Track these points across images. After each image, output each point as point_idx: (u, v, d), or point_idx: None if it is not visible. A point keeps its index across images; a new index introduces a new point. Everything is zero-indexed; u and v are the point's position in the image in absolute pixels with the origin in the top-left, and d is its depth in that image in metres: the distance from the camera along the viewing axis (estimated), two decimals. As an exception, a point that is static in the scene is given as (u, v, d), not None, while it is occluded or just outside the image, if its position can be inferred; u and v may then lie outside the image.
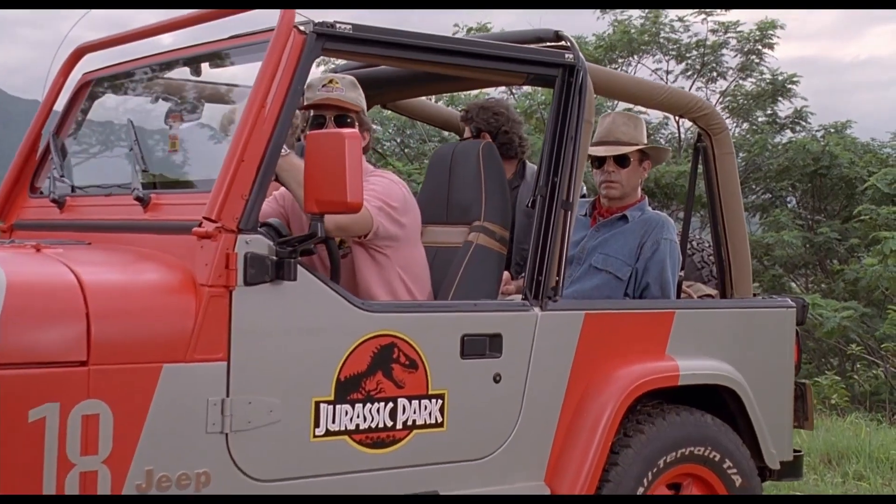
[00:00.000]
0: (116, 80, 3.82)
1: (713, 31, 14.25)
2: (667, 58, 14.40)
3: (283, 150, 3.14)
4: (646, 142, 4.09)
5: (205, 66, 3.54)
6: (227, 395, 2.87)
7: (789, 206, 14.82)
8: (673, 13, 14.26)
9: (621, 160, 4.05)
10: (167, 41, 3.70)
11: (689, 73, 14.39)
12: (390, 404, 3.15)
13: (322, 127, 3.46)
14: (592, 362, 3.54)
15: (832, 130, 14.72)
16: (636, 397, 3.57)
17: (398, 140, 13.66)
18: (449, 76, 3.79)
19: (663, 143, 14.54)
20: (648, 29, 14.21)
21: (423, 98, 4.54)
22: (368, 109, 4.37)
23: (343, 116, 3.47)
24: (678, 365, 3.66)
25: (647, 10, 14.36)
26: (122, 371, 2.72)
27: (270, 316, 2.94)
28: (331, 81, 3.48)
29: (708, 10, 14.04)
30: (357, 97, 3.52)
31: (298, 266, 2.96)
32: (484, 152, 3.66)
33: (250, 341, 2.91)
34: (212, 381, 2.85)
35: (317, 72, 3.86)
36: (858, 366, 10.53)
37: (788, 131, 15.03)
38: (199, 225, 2.88)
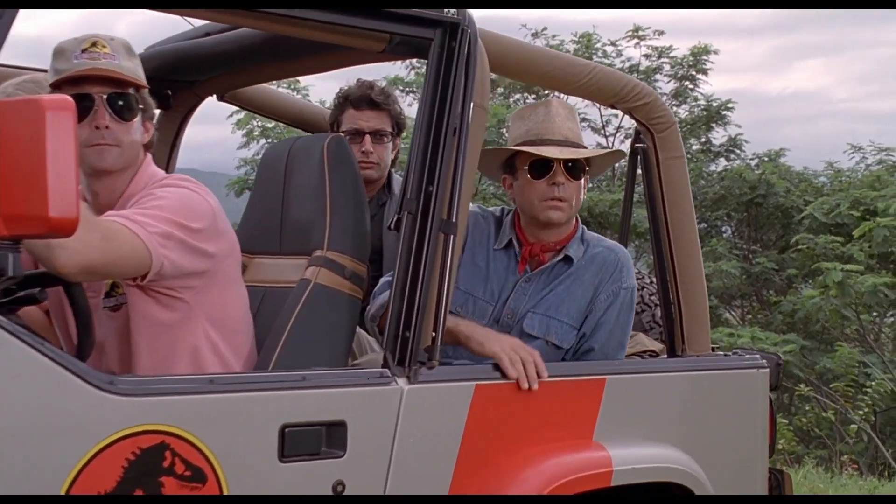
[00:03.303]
0: None
1: (646, 56, 13.28)
2: (599, 83, 13.31)
3: None
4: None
5: None
6: None
7: (724, 235, 13.93)
8: (605, 37, 13.27)
9: (575, 169, 2.69)
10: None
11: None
12: (159, 540, 1.90)
13: (88, 113, 2.21)
14: (487, 457, 2.31)
15: (766, 159, 13.88)
16: (551, 505, 2.35)
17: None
18: (284, 46, 2.57)
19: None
20: (581, 53, 13.15)
21: (271, 86, 3.30)
22: (200, 101, 3.15)
23: (121, 96, 2.22)
24: (610, 456, 2.44)
25: (579, 35, 13.34)
26: None
27: (-68, 409, 1.68)
28: (94, 44, 2.22)
29: (641, 34, 13.07)
30: (136, 69, 2.28)
31: (-13, 325, 1.70)
32: (330, 150, 2.42)
33: None
34: None
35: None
36: (808, 407, 9.45)
37: (723, 160, 14.15)
38: None
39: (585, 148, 2.75)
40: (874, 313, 11.24)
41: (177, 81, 3.02)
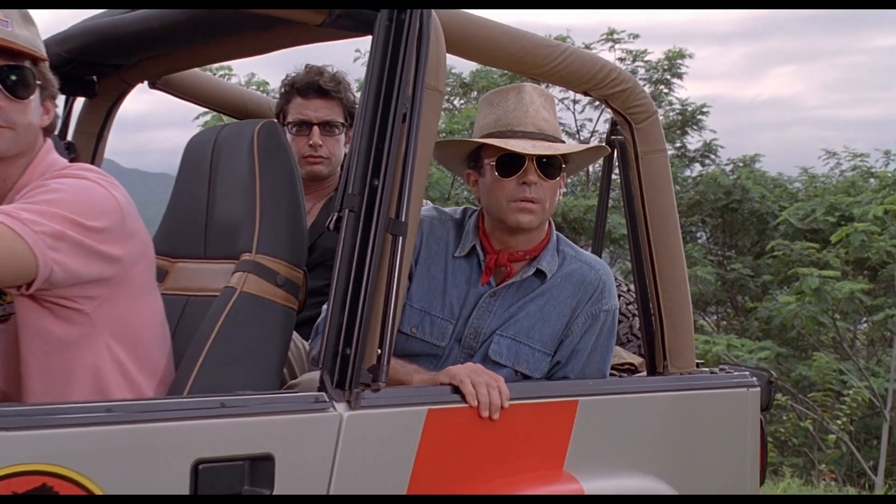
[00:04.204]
0: None
1: (621, 60, 13.03)
2: (574, 86, 13.05)
3: None
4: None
5: None
6: None
7: (699, 241, 13.71)
8: (579, 40, 13.01)
9: (550, 167, 2.31)
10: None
11: (597, 103, 13.07)
12: None
13: None
14: (441, 492, 1.98)
15: (741, 164, 13.69)
16: (515, 547, 2.02)
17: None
18: (214, 24, 2.24)
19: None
20: (555, 57, 12.87)
21: (206, 73, 2.95)
22: (130, 88, 2.81)
23: (14, 69, 1.87)
24: (583, 489, 2.12)
25: (553, 38, 13.07)
26: None
27: None
28: None
29: (616, 38, 12.85)
30: (34, 38, 1.94)
31: None
32: (261, 138, 2.07)
33: None
34: None
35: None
36: (785, 417, 9.18)
37: (698, 165, 13.96)
38: None
39: (562, 142, 2.37)
40: (849, 320, 11.03)
41: (101, 65, 2.68)
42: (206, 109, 3.07)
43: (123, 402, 1.76)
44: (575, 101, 13.43)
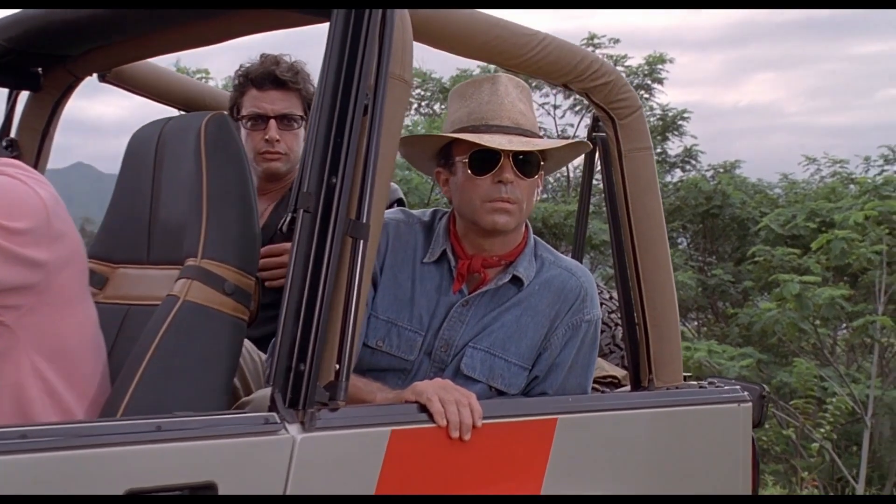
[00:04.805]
0: None
1: (601, 65, 12.85)
2: (554, 91, 12.92)
3: None
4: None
5: None
6: None
7: (680, 247, 13.59)
8: (560, 46, 12.82)
9: (527, 164, 2.12)
10: None
11: (578, 108, 12.93)
12: None
13: None
14: (406, 521, 1.79)
15: (722, 170, 13.60)
16: (488, 580, 1.82)
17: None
18: (172, 12, 2.04)
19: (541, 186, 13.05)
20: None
21: (160, 66, 2.74)
22: (78, 81, 2.60)
23: None
24: (563, 516, 1.93)
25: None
26: None
27: None
28: None
29: (596, 42, 12.70)
30: None
31: None
32: (209, 132, 1.87)
33: None
34: None
35: None
36: (767, 425, 9.02)
37: (678, 171, 13.83)
38: None
39: (540, 137, 2.18)
40: (830, 326, 10.92)
41: (46, 56, 2.46)
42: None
43: (41, 426, 1.55)
44: (556, 107, 13.27)
